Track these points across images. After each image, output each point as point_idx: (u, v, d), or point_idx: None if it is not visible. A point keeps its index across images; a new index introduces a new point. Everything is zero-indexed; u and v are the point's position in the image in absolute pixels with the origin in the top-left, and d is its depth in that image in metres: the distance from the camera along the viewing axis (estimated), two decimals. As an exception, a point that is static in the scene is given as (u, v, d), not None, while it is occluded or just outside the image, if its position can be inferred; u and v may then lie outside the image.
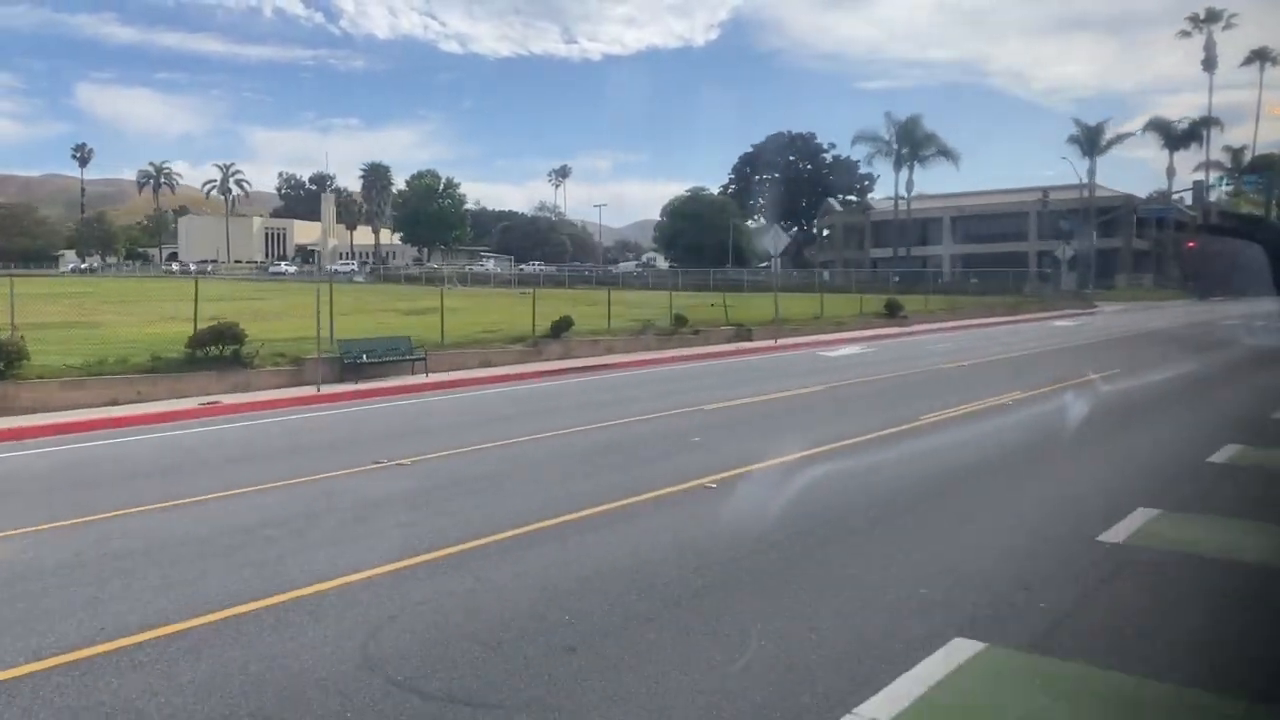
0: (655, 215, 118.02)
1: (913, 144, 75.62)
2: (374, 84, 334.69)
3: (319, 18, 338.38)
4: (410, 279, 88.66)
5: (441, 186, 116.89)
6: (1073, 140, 77.85)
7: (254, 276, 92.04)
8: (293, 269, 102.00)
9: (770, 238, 27.92)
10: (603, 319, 27.39)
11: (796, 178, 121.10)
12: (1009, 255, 71.63)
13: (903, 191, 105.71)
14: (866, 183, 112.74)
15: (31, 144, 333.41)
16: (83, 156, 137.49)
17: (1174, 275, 78.67)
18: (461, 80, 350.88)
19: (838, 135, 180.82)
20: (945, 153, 75.50)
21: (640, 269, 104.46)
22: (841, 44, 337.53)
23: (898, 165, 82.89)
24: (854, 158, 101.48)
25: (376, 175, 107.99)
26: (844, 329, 33.65)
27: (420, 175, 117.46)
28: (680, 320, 26.90)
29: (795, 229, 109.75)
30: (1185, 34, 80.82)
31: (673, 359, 22.80)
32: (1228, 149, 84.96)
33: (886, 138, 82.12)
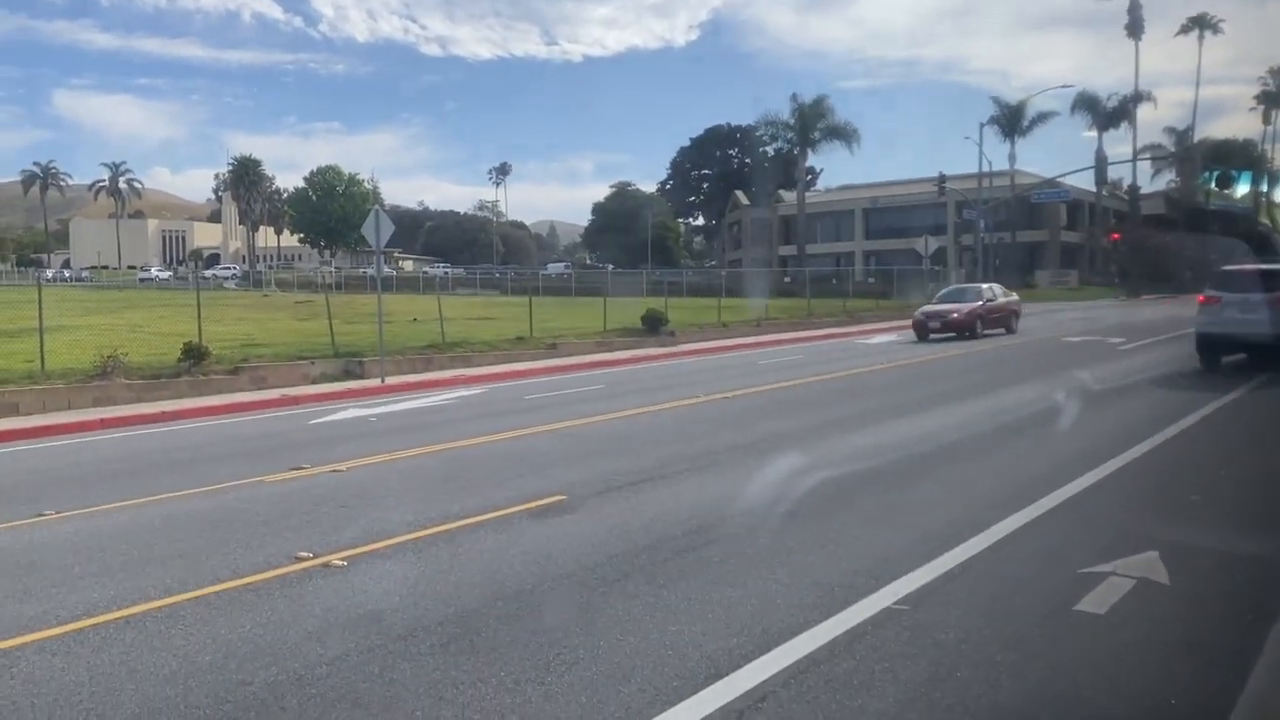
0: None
1: (804, 127, 66.79)
2: (355, 88, 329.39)
3: (298, 21, 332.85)
4: (282, 284, 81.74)
5: (344, 185, 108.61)
6: (993, 122, 69.05)
7: (117, 284, 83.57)
8: (165, 275, 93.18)
9: (372, 226, 19.20)
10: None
11: (734, 172, 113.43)
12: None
13: (824, 182, 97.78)
14: (810, 176, 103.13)
15: (11, 152, 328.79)
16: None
17: (1111, 271, 70.21)
18: (443, 83, 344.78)
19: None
20: (840, 135, 66.55)
21: (567, 270, 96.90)
22: (822, 44, 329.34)
23: (803, 152, 74.34)
24: (767, 145, 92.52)
25: (245, 171, 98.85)
26: (557, 353, 25.05)
27: (321, 171, 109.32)
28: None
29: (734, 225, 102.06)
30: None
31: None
32: (1170, 130, 76.17)
33: (790, 121, 73.48)
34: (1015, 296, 30.41)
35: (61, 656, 4.92)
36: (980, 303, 27.62)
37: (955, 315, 26.66)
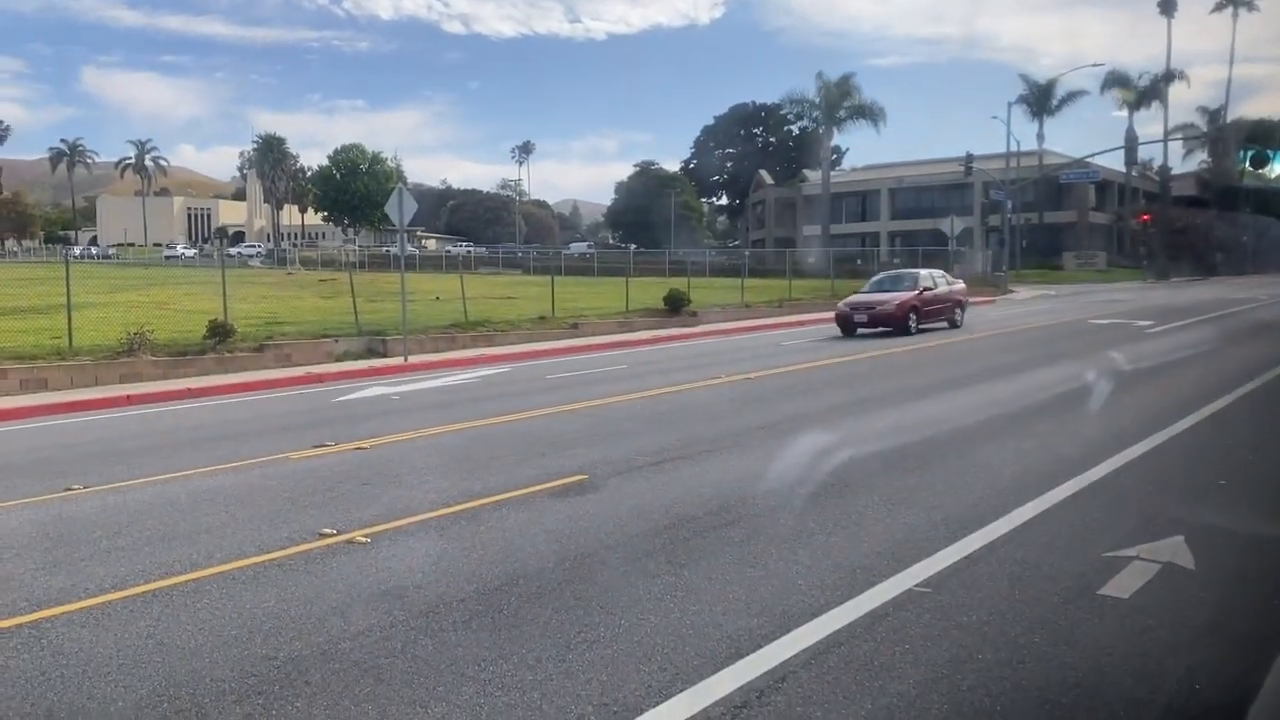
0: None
1: (830, 106, 66.24)
2: (379, 65, 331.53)
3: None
4: (307, 262, 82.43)
5: (368, 163, 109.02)
6: (1021, 101, 68.22)
7: (143, 261, 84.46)
8: (190, 252, 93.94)
9: (395, 204, 19.27)
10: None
11: (759, 151, 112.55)
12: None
13: (849, 162, 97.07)
14: (835, 155, 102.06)
15: (40, 129, 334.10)
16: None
17: (1139, 253, 69.38)
18: (466, 61, 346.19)
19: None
20: (866, 114, 65.99)
21: (590, 250, 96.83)
22: (848, 21, 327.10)
23: (828, 131, 73.82)
24: (792, 124, 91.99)
25: (269, 149, 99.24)
26: (579, 333, 25.12)
27: (344, 149, 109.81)
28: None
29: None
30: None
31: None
32: (1202, 110, 74.96)
33: (815, 100, 72.94)
34: (960, 284, 26.63)
35: (89, 629, 5.00)
36: (915, 292, 23.97)
37: (883, 308, 23.31)
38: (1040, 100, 69.30)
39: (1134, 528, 6.14)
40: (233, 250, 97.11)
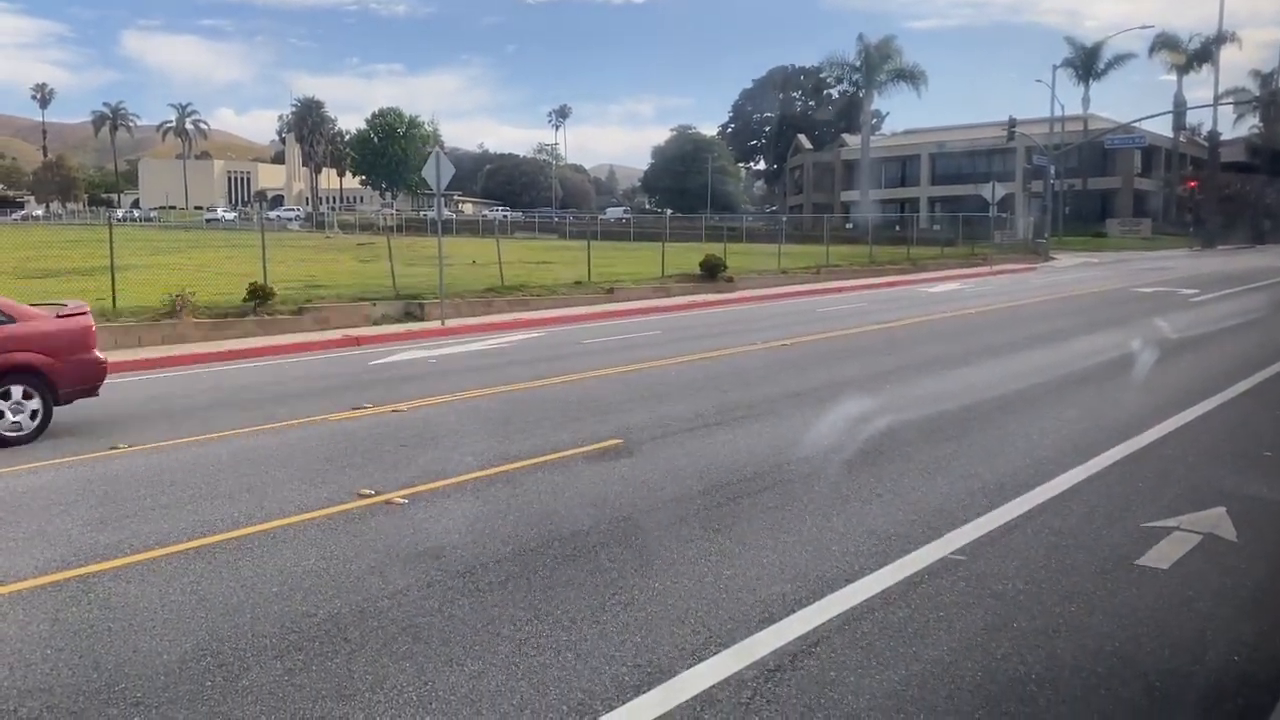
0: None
1: (870, 69, 65.20)
2: (416, 29, 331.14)
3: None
4: (345, 226, 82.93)
5: (405, 127, 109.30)
6: (1066, 64, 66.67)
7: (184, 224, 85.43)
8: (230, 215, 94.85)
9: (432, 168, 19.32)
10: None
11: (797, 115, 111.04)
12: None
13: (888, 126, 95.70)
14: (875, 120, 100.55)
15: (83, 92, 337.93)
16: (43, 98, 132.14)
17: (1185, 220, 67.88)
18: (504, 24, 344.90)
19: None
20: (907, 77, 64.88)
21: (626, 214, 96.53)
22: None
23: (868, 95, 72.75)
24: (831, 88, 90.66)
25: (308, 113, 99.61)
26: (614, 298, 25.16)
27: (382, 113, 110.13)
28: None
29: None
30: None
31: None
32: (1255, 73, 72.85)
33: (856, 63, 71.81)
34: (77, 319, 10.13)
35: (135, 584, 5.12)
36: None
37: None
38: (1086, 63, 67.67)
39: (1175, 498, 6.06)
40: (272, 214, 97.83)
